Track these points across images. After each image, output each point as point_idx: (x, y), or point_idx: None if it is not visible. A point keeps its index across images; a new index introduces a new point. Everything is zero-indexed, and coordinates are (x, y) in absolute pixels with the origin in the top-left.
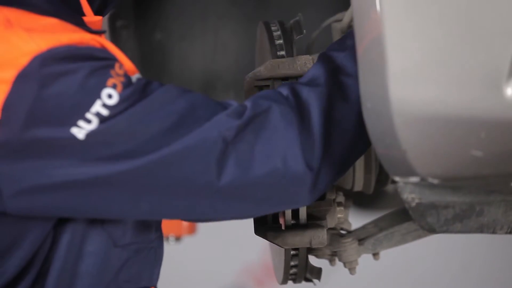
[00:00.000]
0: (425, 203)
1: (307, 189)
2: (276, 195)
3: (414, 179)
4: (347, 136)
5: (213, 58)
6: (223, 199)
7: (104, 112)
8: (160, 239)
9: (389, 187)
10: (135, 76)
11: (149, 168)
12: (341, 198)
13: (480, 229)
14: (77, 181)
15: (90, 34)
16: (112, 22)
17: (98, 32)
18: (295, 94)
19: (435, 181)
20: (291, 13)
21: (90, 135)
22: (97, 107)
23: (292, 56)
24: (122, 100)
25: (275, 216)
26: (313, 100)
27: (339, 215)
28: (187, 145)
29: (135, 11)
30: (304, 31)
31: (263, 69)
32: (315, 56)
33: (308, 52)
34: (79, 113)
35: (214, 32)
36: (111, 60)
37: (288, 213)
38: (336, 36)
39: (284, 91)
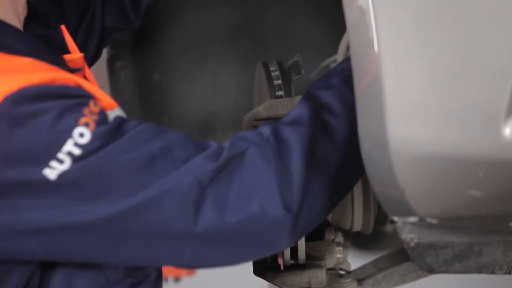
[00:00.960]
0: (424, 243)
1: (286, 233)
2: (256, 240)
3: (413, 219)
4: (329, 177)
5: (211, 98)
6: (202, 245)
7: (76, 151)
8: (158, 272)
9: (388, 227)
10: (114, 111)
11: (124, 215)
12: (340, 238)
13: (479, 270)
14: (49, 226)
15: (66, 73)
16: (110, 63)
17: (76, 70)
18: (276, 134)
19: (434, 221)
20: (290, 54)
21: (62, 176)
22: (68, 146)
23: (290, 96)
24: (94, 138)
25: (274, 256)
26: (294, 140)
27: (338, 255)
28: (163, 190)
29: (133, 52)
30: (303, 71)
31: (262, 109)
32: None
33: None
34: (51, 153)
35: (213, 73)
36: (86, 97)
37: (287, 253)
38: None
39: (266, 132)
